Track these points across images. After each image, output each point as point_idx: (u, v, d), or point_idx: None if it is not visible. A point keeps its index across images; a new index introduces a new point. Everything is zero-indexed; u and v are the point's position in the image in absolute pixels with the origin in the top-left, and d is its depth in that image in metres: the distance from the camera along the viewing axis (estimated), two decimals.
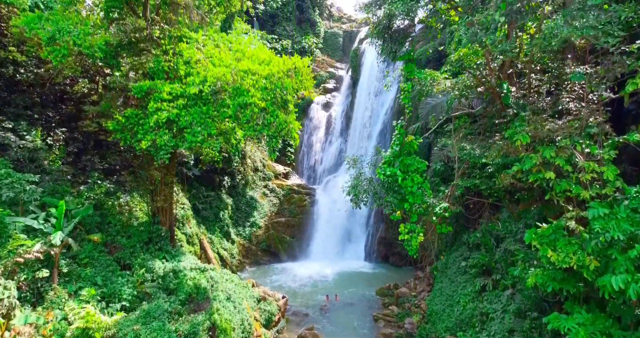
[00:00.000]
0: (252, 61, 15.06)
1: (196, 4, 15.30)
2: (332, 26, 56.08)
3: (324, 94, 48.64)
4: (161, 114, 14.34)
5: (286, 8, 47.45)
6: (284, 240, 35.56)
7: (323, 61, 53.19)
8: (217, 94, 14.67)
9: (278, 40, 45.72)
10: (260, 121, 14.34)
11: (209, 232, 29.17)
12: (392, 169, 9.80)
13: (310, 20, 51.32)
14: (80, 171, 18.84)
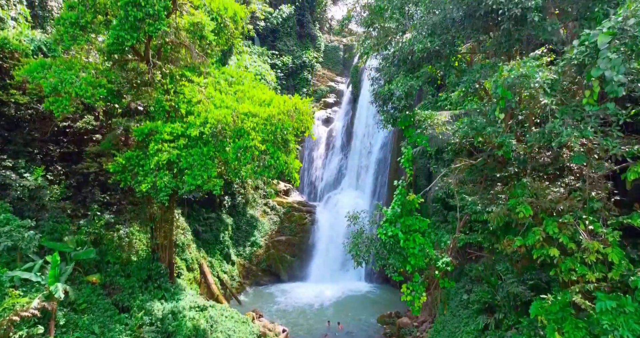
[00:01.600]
0: (252, 102, 15.03)
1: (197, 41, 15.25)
2: (333, 40, 56.12)
3: (325, 109, 48.63)
4: (162, 156, 14.27)
5: (287, 23, 47.53)
6: (285, 260, 35.38)
7: (323, 75, 53.19)
8: (217, 136, 14.59)
9: (278, 56, 45.81)
10: (261, 163, 14.27)
11: (209, 255, 29.04)
12: (394, 229, 9.71)
13: (311, 35, 51.38)
14: (80, 203, 18.75)
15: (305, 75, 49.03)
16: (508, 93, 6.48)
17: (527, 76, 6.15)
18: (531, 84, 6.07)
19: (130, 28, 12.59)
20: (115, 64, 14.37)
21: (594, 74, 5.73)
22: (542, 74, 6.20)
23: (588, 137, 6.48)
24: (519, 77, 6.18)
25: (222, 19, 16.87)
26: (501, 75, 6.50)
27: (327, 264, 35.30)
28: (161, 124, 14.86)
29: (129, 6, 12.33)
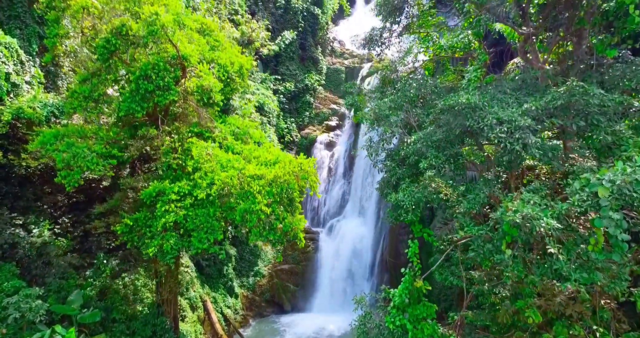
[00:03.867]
0: (258, 162, 15.19)
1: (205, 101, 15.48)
2: (334, 62, 56.59)
3: (327, 132, 48.83)
4: (169, 217, 14.42)
5: (289, 48, 47.99)
6: (288, 289, 35.32)
7: (325, 98, 53.53)
8: (223, 197, 14.74)
9: (281, 80, 46.24)
10: (267, 226, 14.39)
11: (212, 290, 29.04)
12: (401, 319, 9.76)
13: (313, 58, 51.84)
14: (86, 253, 18.89)
15: (307, 98, 49.40)
16: (514, 231, 6.62)
17: (532, 218, 6.29)
18: (537, 227, 6.21)
19: (140, 100, 12.83)
20: (125, 126, 14.56)
21: (597, 225, 5.89)
22: (546, 220, 6.33)
23: (596, 282, 6.58)
24: (525, 218, 6.32)
25: (229, 75, 17.13)
26: (506, 213, 6.63)
27: (331, 294, 35.21)
28: (168, 184, 15.03)
29: (140, 79, 12.57)
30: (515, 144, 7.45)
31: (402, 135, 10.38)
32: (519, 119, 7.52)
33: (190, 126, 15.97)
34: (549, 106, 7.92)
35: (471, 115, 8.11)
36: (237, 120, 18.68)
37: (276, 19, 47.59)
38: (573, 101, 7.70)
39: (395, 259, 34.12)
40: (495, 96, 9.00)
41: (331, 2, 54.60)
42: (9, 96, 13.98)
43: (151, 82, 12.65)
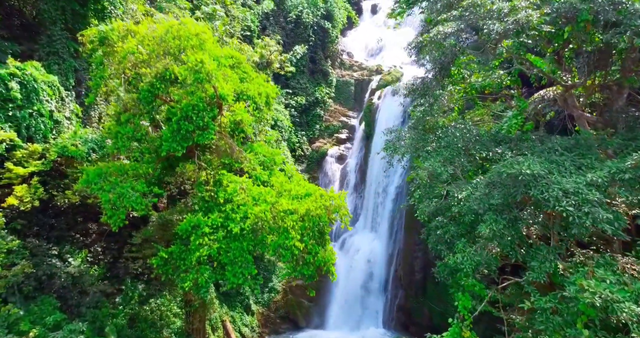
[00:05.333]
0: (290, 196, 15.44)
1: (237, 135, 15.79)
2: (344, 74, 56.97)
3: (337, 145, 49.09)
4: (203, 250, 14.66)
5: (300, 62, 48.40)
6: (302, 305, 35.43)
7: (335, 110, 53.83)
8: (256, 232, 15.00)
9: (292, 94, 46.59)
10: (301, 261, 14.63)
11: (230, 309, 29.22)
12: None
13: (323, 71, 52.24)
14: (115, 279, 19.13)
15: (317, 111, 49.72)
16: (591, 311, 6.76)
17: (613, 301, 6.44)
18: (618, 311, 6.37)
19: (181, 139, 13.13)
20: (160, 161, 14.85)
21: None
22: (628, 304, 6.49)
23: None
24: (605, 300, 6.48)
25: (257, 105, 17.45)
26: (582, 293, 6.77)
27: (345, 310, 35.30)
28: (202, 217, 15.29)
29: (182, 120, 12.88)
30: (585, 219, 7.65)
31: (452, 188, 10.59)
32: (586, 192, 7.73)
33: (221, 157, 16.25)
34: (615, 178, 8.14)
35: (534, 184, 8.33)
36: (263, 147, 18.95)
37: (287, 33, 48.06)
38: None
39: (410, 275, 34.27)
40: (550, 158, 9.22)
41: (341, 16, 55.05)
42: (52, 133, 14.34)
43: (191, 123, 12.95)
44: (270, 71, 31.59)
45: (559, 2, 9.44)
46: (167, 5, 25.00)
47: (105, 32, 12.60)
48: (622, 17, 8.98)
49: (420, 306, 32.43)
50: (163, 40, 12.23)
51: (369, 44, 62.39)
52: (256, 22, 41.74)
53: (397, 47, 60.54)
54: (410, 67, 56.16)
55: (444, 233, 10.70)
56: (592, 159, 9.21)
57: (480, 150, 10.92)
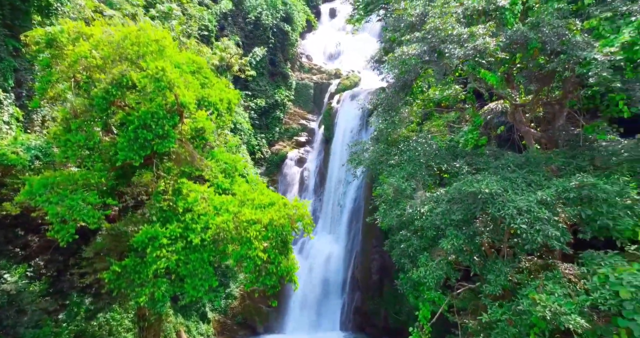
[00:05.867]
0: (253, 206, 15.24)
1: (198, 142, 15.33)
2: (303, 77, 57.10)
3: (297, 148, 49.11)
4: (160, 263, 14.06)
5: (260, 64, 47.83)
6: (260, 311, 35.04)
7: (295, 113, 53.78)
8: (218, 243, 14.64)
9: (252, 97, 45.92)
10: (263, 271, 14.49)
11: (185, 319, 28.23)
12: None
13: (283, 74, 52.03)
14: (59, 294, 17.77)
15: (277, 114, 49.43)
16: (542, 323, 7.43)
17: (561, 313, 7.12)
18: (565, 323, 7.04)
19: (139, 148, 12.49)
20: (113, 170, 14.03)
21: (621, 325, 6.85)
22: (574, 316, 7.17)
23: None
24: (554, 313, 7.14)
25: (219, 112, 17.07)
26: (534, 306, 7.42)
27: (303, 313, 35.38)
28: (160, 228, 14.65)
29: (140, 129, 12.26)
30: (537, 236, 8.35)
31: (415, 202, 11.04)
32: (537, 210, 8.46)
33: (181, 166, 15.70)
34: (561, 196, 8.97)
35: (492, 202, 8.96)
36: (224, 154, 18.56)
37: (246, 34, 47.28)
38: (583, 194, 8.80)
39: (367, 277, 35.05)
40: (504, 175, 9.98)
41: (300, 19, 55.06)
42: None
43: (150, 131, 12.34)
44: (231, 74, 30.93)
45: (512, 31, 10.33)
46: (119, 1, 23.64)
47: (54, 34, 11.61)
48: (566, 47, 9.99)
49: (377, 307, 33.28)
50: (120, 46, 11.55)
51: (327, 47, 63.01)
52: (214, 21, 40.64)
53: (356, 52, 61.76)
54: (368, 72, 57.55)
55: (407, 247, 11.15)
56: (540, 176, 10.11)
57: (439, 164, 11.58)
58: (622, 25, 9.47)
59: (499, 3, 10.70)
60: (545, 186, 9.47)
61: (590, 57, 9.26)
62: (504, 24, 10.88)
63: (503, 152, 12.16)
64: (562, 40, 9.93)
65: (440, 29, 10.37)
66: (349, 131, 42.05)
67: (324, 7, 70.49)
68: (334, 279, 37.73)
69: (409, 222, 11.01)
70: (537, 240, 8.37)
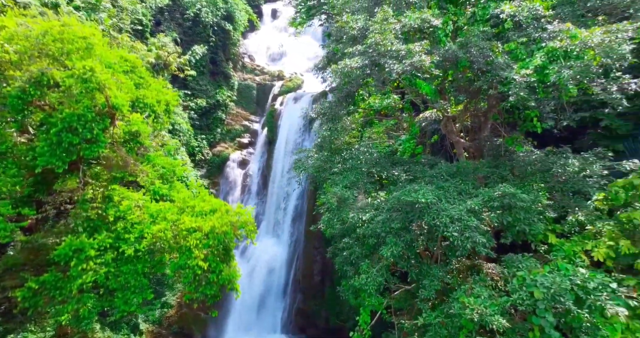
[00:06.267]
0: (194, 212, 14.65)
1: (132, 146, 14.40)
2: (246, 78, 56.09)
3: (240, 150, 48.09)
4: (87, 277, 12.98)
5: (200, 62, 46.12)
6: (199, 318, 33.74)
7: (237, 114, 52.61)
8: (154, 253, 13.86)
9: (191, 96, 44.08)
10: (204, 281, 13.99)
11: (114, 332, 26.25)
12: None
13: (224, 73, 50.65)
14: None
15: (219, 114, 47.99)
16: (471, 325, 8.08)
17: (487, 315, 7.84)
18: (489, 324, 7.75)
19: (63, 153, 11.39)
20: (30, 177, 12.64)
21: (535, 322, 7.70)
22: (497, 317, 7.95)
23: None
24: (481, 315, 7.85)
25: (156, 114, 16.20)
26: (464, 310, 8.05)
27: (244, 318, 34.71)
28: (86, 239, 13.51)
29: (64, 132, 11.20)
30: (467, 242, 9.08)
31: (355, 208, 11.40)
32: (467, 218, 9.22)
33: (112, 171, 14.64)
34: (487, 205, 9.85)
35: (427, 211, 9.58)
36: (162, 158, 17.63)
37: (184, 30, 45.28)
38: (505, 203, 9.77)
39: (309, 279, 35.40)
40: (438, 184, 10.73)
41: (242, 18, 53.96)
42: None
43: (77, 135, 11.30)
44: (168, 73, 29.38)
45: (445, 50, 11.21)
46: None
47: None
48: (490, 67, 11.06)
49: (319, 308, 33.72)
50: (40, 42, 10.40)
51: (270, 48, 62.51)
52: (149, 16, 38.33)
53: (299, 54, 62.01)
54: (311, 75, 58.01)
55: (350, 254, 11.49)
56: (469, 185, 11.07)
57: (380, 171, 12.15)
58: (535, 49, 10.78)
59: (433, 22, 11.59)
60: (474, 195, 10.42)
61: (510, 77, 10.41)
62: (437, 42, 11.80)
63: (437, 161, 13.12)
64: (486, 61, 11.02)
65: (380, 44, 10.91)
66: (292, 133, 42.13)
67: (265, 7, 69.82)
68: (276, 282, 37.56)
69: (351, 230, 11.39)
70: (466, 247, 9.17)
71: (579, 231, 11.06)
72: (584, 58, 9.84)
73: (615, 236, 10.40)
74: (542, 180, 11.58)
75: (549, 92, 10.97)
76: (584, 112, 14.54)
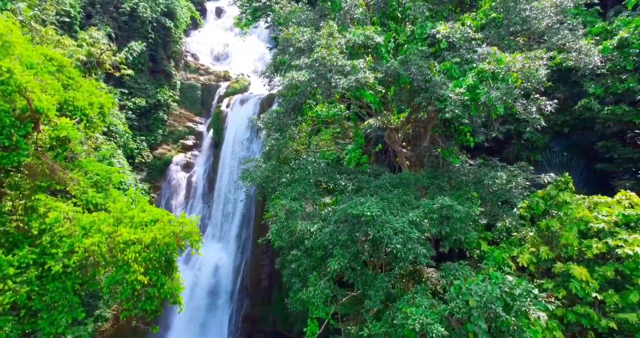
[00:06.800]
0: (132, 224, 13.77)
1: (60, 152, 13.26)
2: (189, 77, 53.99)
3: (184, 152, 46.16)
4: (4, 298, 11.72)
5: (137, 60, 43.53)
6: (137, 331, 31.83)
7: (181, 115, 50.46)
8: (86, 268, 12.84)
9: (129, 95, 41.45)
10: (143, 296, 13.22)
11: None
12: None
13: (165, 72, 48.35)
14: None
15: (160, 115, 45.64)
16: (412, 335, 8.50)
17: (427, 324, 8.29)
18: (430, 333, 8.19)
19: None
20: None
21: (470, 329, 8.28)
22: (436, 326, 8.43)
23: None
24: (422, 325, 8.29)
25: (88, 118, 15.07)
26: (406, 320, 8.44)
27: (189, 328, 33.39)
28: (3, 256, 12.18)
29: None
30: (409, 254, 9.52)
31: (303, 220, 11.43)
32: (409, 230, 9.66)
33: (36, 180, 13.37)
34: (427, 216, 10.40)
35: (373, 223, 9.89)
36: (95, 165, 16.38)
37: (119, 25, 42.55)
38: (443, 214, 10.38)
39: (257, 283, 34.96)
40: (382, 195, 11.14)
41: (184, 15, 51.83)
42: None
43: None
44: (102, 72, 27.34)
45: (387, 66, 11.74)
46: None
47: None
48: (428, 84, 11.80)
49: (266, 313, 33.43)
50: None
51: (215, 48, 60.69)
52: (77, 7, 35.40)
53: (244, 55, 60.88)
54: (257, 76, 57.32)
55: (297, 267, 11.52)
56: (411, 196, 11.67)
57: (327, 182, 12.35)
58: (467, 70, 11.70)
59: (376, 39, 12.09)
60: (415, 206, 11.00)
61: (446, 95, 11.17)
62: (380, 57, 12.32)
63: (381, 170, 13.66)
64: (425, 78, 11.74)
65: (326, 59, 11.13)
66: (239, 135, 41.20)
67: (209, 4, 67.67)
68: (223, 288, 36.62)
69: (299, 241, 11.41)
70: (409, 258, 9.65)
71: (507, 236, 12.19)
72: (509, 81, 10.91)
73: (536, 242, 11.61)
74: (475, 190, 12.57)
75: (480, 110, 11.97)
76: (509, 124, 16.13)
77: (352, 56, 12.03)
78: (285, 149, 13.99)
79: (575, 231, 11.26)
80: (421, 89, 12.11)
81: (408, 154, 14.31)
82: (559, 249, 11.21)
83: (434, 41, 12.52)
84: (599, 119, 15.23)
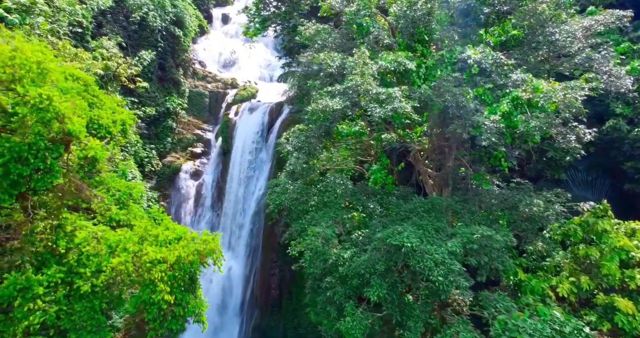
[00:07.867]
0: (157, 242, 13.83)
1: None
2: (197, 85, 54.18)
3: (192, 160, 46.26)
4: (34, 318, 11.78)
5: (148, 68, 43.76)
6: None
7: (189, 122, 50.59)
8: (113, 287, 12.89)
9: (138, 104, 41.64)
10: (169, 316, 13.25)
11: None
12: None
13: (174, 80, 48.57)
14: None
15: (169, 123, 45.83)
16: None
17: None
18: None
19: (10, 186, 10.25)
20: None
21: None
22: None
23: None
24: None
25: (112, 135, 15.21)
26: None
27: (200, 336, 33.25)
28: (33, 276, 12.26)
29: (12, 163, 10.10)
30: (451, 286, 9.55)
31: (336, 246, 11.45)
32: (450, 262, 9.69)
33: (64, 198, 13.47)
34: (466, 247, 10.44)
35: (412, 254, 9.93)
36: (118, 181, 16.55)
37: (129, 34, 42.77)
38: (483, 245, 10.41)
39: (266, 294, 34.86)
40: (416, 222, 11.20)
41: (192, 23, 52.15)
42: None
43: (27, 165, 10.26)
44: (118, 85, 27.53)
45: (420, 93, 11.82)
46: None
47: None
48: (462, 112, 11.85)
49: (276, 323, 33.30)
50: None
51: (222, 54, 60.94)
52: (89, 17, 35.67)
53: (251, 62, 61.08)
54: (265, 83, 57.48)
55: (333, 294, 11.48)
56: (444, 222, 11.70)
57: (356, 205, 12.42)
58: (500, 95, 11.76)
59: (407, 65, 12.18)
60: (450, 233, 11.05)
61: (481, 122, 11.24)
62: (411, 83, 12.43)
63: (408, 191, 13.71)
64: (459, 106, 11.80)
65: (360, 86, 11.21)
66: (248, 144, 41.28)
67: (216, 11, 68.02)
68: (233, 298, 36.58)
69: (333, 268, 11.39)
70: (450, 290, 9.69)
71: (539, 260, 12.17)
72: (548, 110, 10.97)
73: (574, 271, 11.50)
74: (509, 215, 12.60)
75: (516, 138, 12.05)
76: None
77: (382, 81, 12.12)
78: (312, 173, 14.06)
79: (617, 261, 11.17)
80: (455, 117, 12.17)
81: (433, 174, 14.36)
82: (598, 279, 11.14)
83: (464, 66, 12.60)
84: (627, 140, 15.32)
